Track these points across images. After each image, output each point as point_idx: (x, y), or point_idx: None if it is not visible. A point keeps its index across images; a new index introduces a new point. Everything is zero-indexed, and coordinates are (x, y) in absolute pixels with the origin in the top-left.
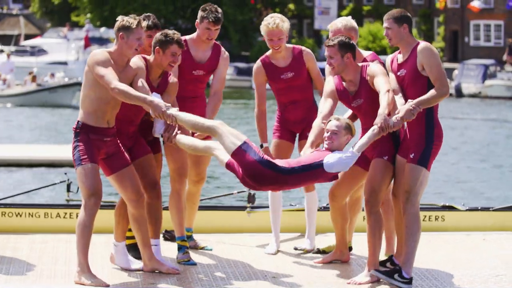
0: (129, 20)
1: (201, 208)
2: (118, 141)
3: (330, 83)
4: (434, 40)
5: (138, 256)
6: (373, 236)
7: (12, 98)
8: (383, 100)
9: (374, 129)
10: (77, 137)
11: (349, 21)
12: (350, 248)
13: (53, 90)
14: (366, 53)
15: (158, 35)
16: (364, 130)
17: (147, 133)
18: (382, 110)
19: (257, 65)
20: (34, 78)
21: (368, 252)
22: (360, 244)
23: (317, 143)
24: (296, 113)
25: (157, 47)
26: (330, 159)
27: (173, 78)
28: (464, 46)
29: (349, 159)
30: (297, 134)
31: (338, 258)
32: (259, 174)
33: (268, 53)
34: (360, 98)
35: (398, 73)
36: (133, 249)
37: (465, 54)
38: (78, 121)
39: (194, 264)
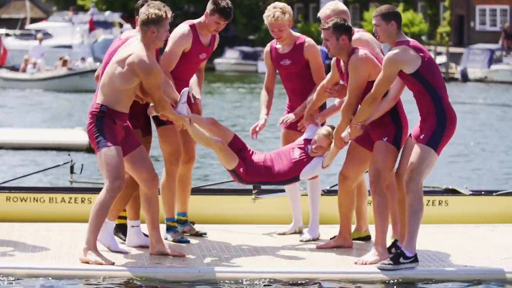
0: (156, 12)
1: (205, 191)
2: (129, 124)
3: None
4: (440, 25)
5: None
6: (379, 216)
7: (42, 82)
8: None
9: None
10: (101, 121)
11: (338, 4)
12: (369, 237)
13: (84, 75)
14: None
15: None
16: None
17: (137, 119)
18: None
19: (266, 47)
20: (65, 63)
21: (375, 231)
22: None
23: (313, 111)
24: (297, 102)
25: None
26: (305, 174)
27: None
28: (470, 30)
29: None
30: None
31: (341, 244)
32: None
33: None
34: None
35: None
36: (122, 229)
37: (471, 39)
38: (102, 105)
39: (188, 241)
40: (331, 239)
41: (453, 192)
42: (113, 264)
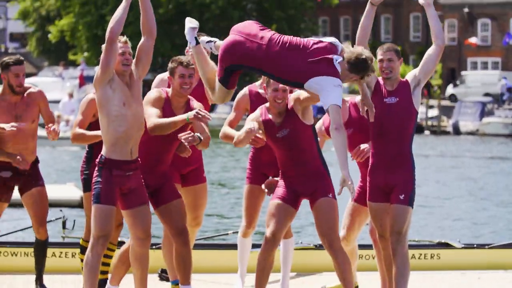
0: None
1: (196, 246)
2: (141, 176)
3: None
4: (432, 78)
5: None
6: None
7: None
8: None
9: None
10: (99, 172)
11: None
12: None
13: None
14: None
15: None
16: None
17: (180, 166)
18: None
19: (243, 92)
20: (57, 118)
21: None
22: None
23: None
24: (271, 153)
25: (168, 76)
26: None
27: (196, 102)
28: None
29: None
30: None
31: None
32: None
33: (257, 83)
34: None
35: (386, 100)
36: (103, 284)
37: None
38: (101, 155)
39: None
40: None
41: (446, 245)
42: None
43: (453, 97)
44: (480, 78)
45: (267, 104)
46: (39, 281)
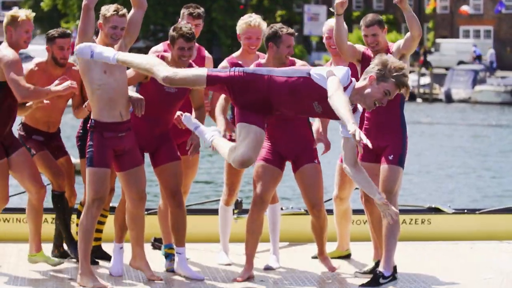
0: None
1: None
2: (134, 137)
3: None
4: (424, 45)
5: (101, 257)
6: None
7: None
8: None
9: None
10: (91, 136)
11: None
12: (349, 255)
13: None
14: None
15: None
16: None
17: (174, 136)
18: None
19: (222, 64)
20: None
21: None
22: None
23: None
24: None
25: (168, 43)
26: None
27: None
28: None
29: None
30: None
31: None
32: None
33: (235, 54)
34: None
35: None
36: (98, 251)
37: None
38: (91, 119)
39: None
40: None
41: (436, 210)
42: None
43: (428, 64)
44: (455, 46)
45: (262, 61)
46: (62, 247)
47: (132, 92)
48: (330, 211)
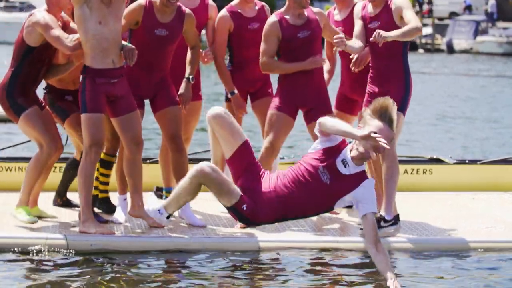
0: None
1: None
2: (127, 84)
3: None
4: None
5: (109, 211)
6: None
7: None
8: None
9: None
10: (84, 82)
11: None
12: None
13: None
14: None
15: None
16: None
17: (178, 84)
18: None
19: (222, 13)
20: None
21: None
22: None
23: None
24: (258, 69)
25: None
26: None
27: (187, 10)
28: None
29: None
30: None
31: None
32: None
33: (233, 3)
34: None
35: (370, 25)
36: (106, 203)
37: None
38: (84, 66)
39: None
40: None
41: (438, 161)
42: (113, 233)
43: (432, 14)
44: None
45: (282, 9)
46: (64, 196)
47: (124, 42)
48: None
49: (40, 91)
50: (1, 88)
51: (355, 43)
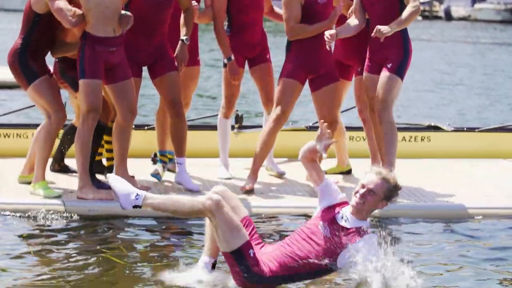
0: None
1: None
2: (124, 52)
3: None
4: None
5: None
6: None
7: None
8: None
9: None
10: (83, 49)
11: None
12: (350, 171)
13: None
14: None
15: None
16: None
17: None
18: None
19: None
20: None
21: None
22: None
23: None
24: (256, 35)
25: None
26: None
27: None
28: None
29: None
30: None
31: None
32: None
33: None
34: None
35: None
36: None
37: None
38: (84, 32)
39: (159, 178)
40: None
41: (436, 128)
42: (112, 199)
43: None
44: None
45: None
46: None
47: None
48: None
49: (48, 59)
50: (13, 53)
51: (350, 24)
